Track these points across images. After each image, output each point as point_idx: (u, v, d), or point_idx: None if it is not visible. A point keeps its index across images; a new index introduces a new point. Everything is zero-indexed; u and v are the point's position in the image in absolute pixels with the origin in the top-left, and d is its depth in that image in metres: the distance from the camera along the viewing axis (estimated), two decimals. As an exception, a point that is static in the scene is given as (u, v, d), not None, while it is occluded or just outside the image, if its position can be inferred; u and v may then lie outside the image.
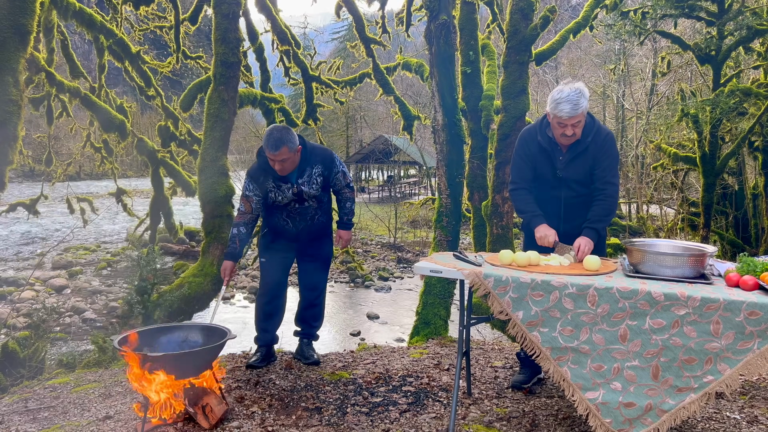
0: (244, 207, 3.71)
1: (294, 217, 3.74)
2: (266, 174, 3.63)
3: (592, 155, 3.13)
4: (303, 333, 4.09)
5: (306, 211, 3.74)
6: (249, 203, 3.70)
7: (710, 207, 10.88)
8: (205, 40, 26.92)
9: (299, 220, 3.75)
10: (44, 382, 3.98)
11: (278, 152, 3.44)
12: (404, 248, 19.54)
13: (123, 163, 30.28)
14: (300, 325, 4.09)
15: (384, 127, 38.69)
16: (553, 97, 3.02)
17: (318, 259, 3.95)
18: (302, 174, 3.67)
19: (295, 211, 3.72)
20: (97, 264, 16.74)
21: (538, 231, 3.15)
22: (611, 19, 10.63)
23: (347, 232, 4.02)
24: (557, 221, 3.23)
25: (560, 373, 2.58)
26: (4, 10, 4.36)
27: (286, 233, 3.79)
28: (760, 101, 10.07)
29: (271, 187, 3.65)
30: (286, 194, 3.66)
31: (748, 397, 3.41)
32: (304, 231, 3.78)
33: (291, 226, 3.76)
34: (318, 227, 3.84)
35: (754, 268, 2.54)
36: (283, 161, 3.49)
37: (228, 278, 3.66)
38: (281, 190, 3.65)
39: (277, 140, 3.43)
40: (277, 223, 3.78)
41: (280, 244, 3.84)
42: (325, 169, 3.72)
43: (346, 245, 4.07)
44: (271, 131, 3.49)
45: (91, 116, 8.35)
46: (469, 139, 6.58)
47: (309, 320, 4.06)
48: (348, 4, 8.25)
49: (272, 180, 3.64)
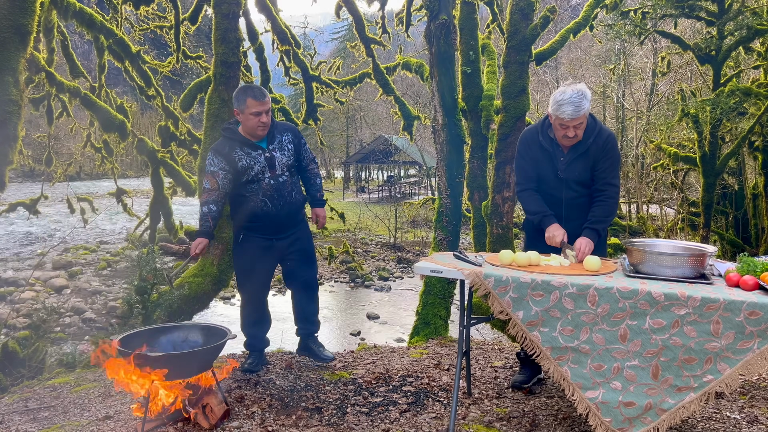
0: (210, 183, 3.52)
1: (272, 195, 3.55)
2: (232, 144, 3.52)
3: (593, 156, 3.14)
4: (308, 331, 3.97)
5: (283, 187, 3.58)
6: (215, 179, 3.51)
7: (710, 207, 10.88)
8: (205, 40, 26.91)
9: (277, 197, 3.57)
10: (44, 382, 3.98)
11: (266, 99, 3.42)
12: (404, 248, 19.54)
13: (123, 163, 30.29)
14: (303, 324, 3.97)
15: (384, 127, 38.70)
16: (555, 98, 3.03)
17: (303, 254, 3.80)
18: (273, 140, 3.59)
19: (271, 188, 3.54)
20: (97, 264, 16.74)
21: (549, 231, 3.15)
22: (611, 19, 10.64)
23: (323, 209, 3.91)
24: (558, 222, 3.24)
25: (560, 372, 2.59)
26: (4, 10, 4.36)
27: (265, 221, 3.60)
28: (760, 101, 10.07)
29: (240, 156, 3.50)
30: (258, 160, 3.52)
31: (748, 397, 3.41)
32: (283, 211, 3.60)
33: (270, 206, 3.56)
34: (296, 207, 3.68)
35: (754, 268, 2.54)
36: (267, 112, 3.44)
37: (199, 253, 3.47)
38: (252, 157, 3.51)
39: (261, 89, 3.45)
40: (254, 209, 3.56)
41: (259, 248, 3.66)
42: (294, 137, 3.69)
43: (324, 223, 3.93)
44: (247, 85, 3.51)
45: (91, 116, 8.34)
46: (469, 139, 6.57)
47: (310, 316, 3.95)
48: (348, 4, 8.24)
49: (240, 148, 3.52)
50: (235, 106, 3.51)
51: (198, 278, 5.36)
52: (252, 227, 3.64)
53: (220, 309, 12.57)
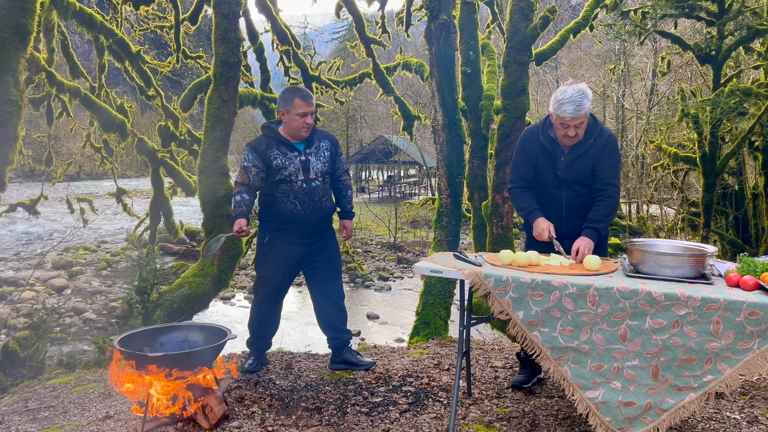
0: (241, 178, 3.54)
1: (302, 198, 3.54)
2: (270, 142, 3.55)
3: (594, 156, 3.14)
4: (343, 341, 3.90)
5: (314, 192, 3.57)
6: (247, 174, 3.52)
7: (710, 207, 10.87)
8: (205, 40, 26.91)
9: (308, 201, 3.55)
10: (44, 382, 3.98)
11: (312, 101, 3.49)
12: (404, 248, 19.54)
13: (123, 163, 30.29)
14: (334, 334, 3.89)
15: (384, 127, 38.68)
16: (556, 97, 3.03)
17: (329, 263, 3.78)
18: (310, 145, 3.61)
19: (303, 191, 3.53)
20: (97, 264, 16.75)
21: (536, 225, 3.18)
22: (611, 19, 10.63)
23: (351, 221, 3.93)
24: (558, 222, 3.24)
25: (560, 372, 2.59)
26: (4, 10, 4.36)
27: (294, 223, 3.57)
28: (760, 101, 10.07)
29: (275, 155, 3.51)
30: (293, 161, 3.52)
31: (748, 397, 3.41)
32: (312, 216, 3.58)
33: (300, 209, 3.54)
34: (325, 213, 3.67)
35: (754, 268, 2.54)
36: (313, 114, 3.50)
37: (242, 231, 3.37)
38: (287, 157, 3.52)
39: (308, 91, 3.52)
40: (284, 211, 3.54)
41: (284, 250, 3.63)
42: (332, 145, 3.72)
43: (350, 235, 3.95)
44: (295, 86, 3.59)
45: (91, 116, 8.34)
46: (469, 139, 6.58)
47: (341, 325, 3.88)
48: (348, 4, 8.25)
49: (277, 147, 3.53)
50: (280, 106, 3.53)
51: (198, 278, 5.36)
52: (280, 229, 3.61)
53: (220, 309, 12.57)
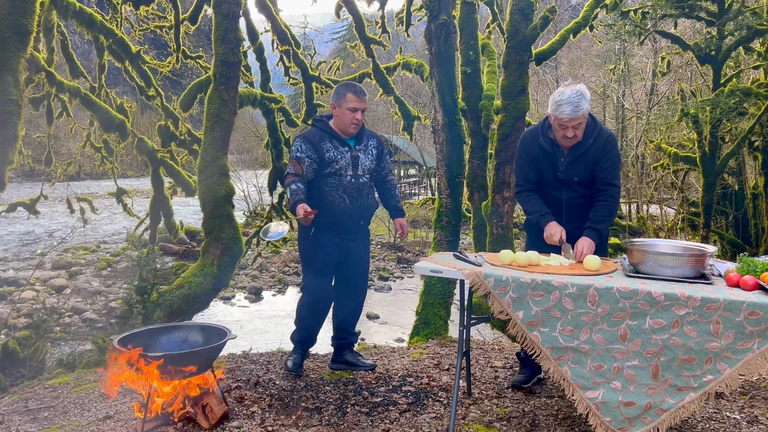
0: (294, 168, 3.50)
1: (351, 192, 3.57)
2: (323, 134, 3.58)
3: (593, 157, 3.14)
4: (348, 342, 3.91)
5: (362, 188, 3.61)
6: (300, 165, 3.50)
7: (710, 207, 10.87)
8: (205, 40, 26.92)
9: (356, 196, 3.59)
10: (44, 382, 3.98)
11: (364, 98, 3.53)
12: (404, 248, 19.53)
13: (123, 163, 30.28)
14: (342, 334, 3.89)
15: (384, 127, 38.66)
16: (554, 99, 3.04)
17: (360, 265, 3.80)
18: (359, 142, 3.66)
19: (351, 186, 3.57)
20: (97, 264, 16.74)
21: (547, 229, 3.17)
22: (611, 19, 10.62)
23: (404, 219, 3.86)
24: (559, 222, 3.25)
25: (560, 372, 2.59)
26: (4, 10, 4.36)
27: (340, 217, 3.57)
28: (760, 101, 10.06)
29: (328, 147, 3.55)
30: (345, 156, 3.57)
31: (748, 397, 3.41)
32: (359, 211, 3.62)
33: (348, 203, 3.56)
34: (371, 210, 3.72)
35: (754, 268, 2.54)
36: (363, 111, 3.52)
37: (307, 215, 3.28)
38: (339, 151, 3.56)
39: (361, 88, 3.55)
40: (332, 205, 3.54)
41: (331, 243, 3.62)
42: (378, 144, 3.78)
43: (407, 233, 3.85)
44: (349, 82, 3.65)
45: (91, 116, 8.34)
46: (469, 139, 6.57)
47: (350, 327, 3.90)
48: (348, 4, 8.24)
49: (329, 140, 3.57)
50: (333, 99, 3.59)
51: (198, 278, 5.35)
52: (326, 223, 3.58)
53: (220, 309, 12.57)
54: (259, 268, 16.42)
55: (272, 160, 8.87)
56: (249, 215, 21.97)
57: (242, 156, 30.66)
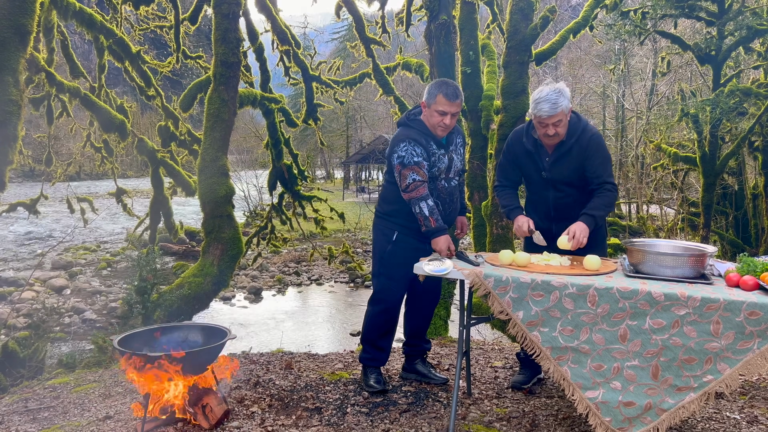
0: (419, 175, 3.08)
1: (444, 198, 3.25)
2: (426, 137, 3.19)
3: (577, 156, 3.12)
4: (422, 349, 3.66)
5: (453, 192, 3.31)
6: (422, 169, 3.10)
7: (710, 207, 10.88)
8: (205, 40, 26.91)
9: (449, 202, 3.28)
10: (44, 382, 3.98)
11: (457, 101, 3.10)
12: (404, 248, 19.52)
13: (123, 163, 30.29)
14: (416, 341, 3.64)
15: (384, 127, 38.69)
16: (533, 97, 3.08)
17: None
18: (451, 142, 3.31)
19: (445, 191, 3.25)
20: (97, 264, 16.75)
21: (515, 222, 3.25)
22: (611, 19, 10.63)
23: (465, 218, 3.60)
24: (548, 222, 3.27)
25: (560, 372, 2.59)
26: (4, 10, 4.36)
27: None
28: (760, 101, 10.07)
29: (433, 150, 3.17)
30: (443, 159, 3.22)
31: (748, 397, 3.41)
32: (450, 217, 3.33)
33: (441, 209, 3.23)
34: (457, 215, 3.44)
35: (754, 268, 2.54)
36: (454, 115, 3.13)
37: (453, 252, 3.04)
38: (437, 156, 3.20)
39: (456, 89, 3.12)
40: None
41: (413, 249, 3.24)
42: (464, 141, 3.44)
43: (467, 231, 3.59)
44: (444, 81, 3.18)
45: (91, 116, 8.34)
46: (469, 139, 6.58)
47: (423, 334, 3.65)
48: (348, 4, 8.25)
49: (431, 142, 3.19)
50: (424, 98, 3.20)
51: (198, 278, 5.36)
52: (412, 228, 3.25)
53: (221, 309, 12.57)
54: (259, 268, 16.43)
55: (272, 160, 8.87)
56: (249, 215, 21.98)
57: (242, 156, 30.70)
